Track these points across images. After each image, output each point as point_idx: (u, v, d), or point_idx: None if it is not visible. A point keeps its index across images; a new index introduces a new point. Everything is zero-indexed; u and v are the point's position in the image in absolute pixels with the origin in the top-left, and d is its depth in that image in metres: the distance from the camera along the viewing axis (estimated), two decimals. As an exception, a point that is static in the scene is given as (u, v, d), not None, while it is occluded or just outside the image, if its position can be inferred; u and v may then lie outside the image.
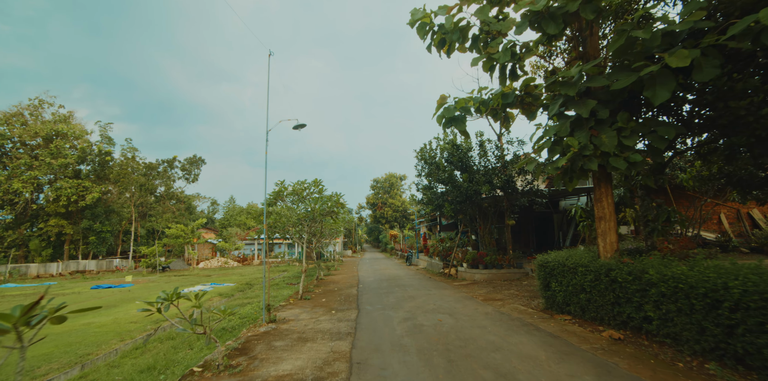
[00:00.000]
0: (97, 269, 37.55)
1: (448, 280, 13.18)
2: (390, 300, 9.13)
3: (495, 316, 6.62)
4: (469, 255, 12.48)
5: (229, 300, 15.71)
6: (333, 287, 12.70)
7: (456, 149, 11.51)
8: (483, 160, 11.67)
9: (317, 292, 11.42)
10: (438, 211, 12.93)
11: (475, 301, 8.29)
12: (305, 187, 10.41)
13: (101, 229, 37.41)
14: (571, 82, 5.10)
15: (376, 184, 40.63)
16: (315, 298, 10.13)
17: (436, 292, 10.14)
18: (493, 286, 10.57)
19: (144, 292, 20.29)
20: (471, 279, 12.39)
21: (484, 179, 10.62)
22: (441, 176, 11.61)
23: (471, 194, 10.82)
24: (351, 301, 9.35)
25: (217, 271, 34.17)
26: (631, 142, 4.96)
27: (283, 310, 8.71)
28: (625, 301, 4.79)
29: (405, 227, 39.09)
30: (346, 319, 7.06)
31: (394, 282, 13.28)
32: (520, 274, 11.77)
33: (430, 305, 8.05)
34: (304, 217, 10.50)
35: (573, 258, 6.05)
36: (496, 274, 11.89)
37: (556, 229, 21.39)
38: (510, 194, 11.26)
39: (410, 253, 23.10)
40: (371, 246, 77.03)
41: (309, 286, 13.34)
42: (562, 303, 6.17)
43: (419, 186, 14.55)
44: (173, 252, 44.00)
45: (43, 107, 36.08)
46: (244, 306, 12.65)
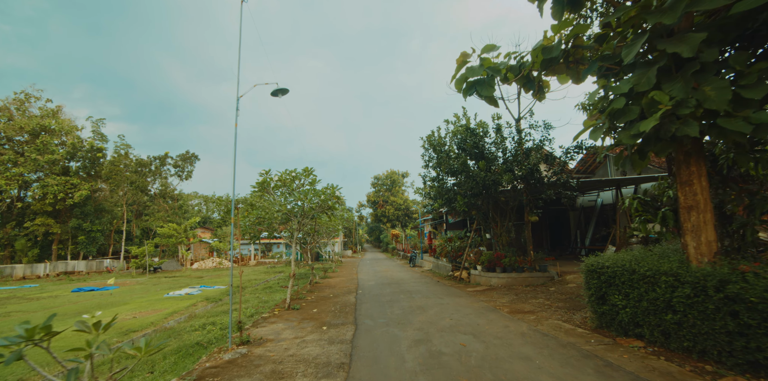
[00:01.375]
0: (86, 270, 36.04)
1: (459, 284, 11.58)
2: (395, 311, 7.53)
3: (536, 338, 5.01)
4: (485, 256, 10.87)
5: (216, 305, 14.17)
6: (328, 293, 11.11)
7: (470, 134, 9.91)
8: (500, 148, 10.07)
9: (309, 300, 9.84)
10: (448, 205, 11.34)
11: (501, 314, 6.69)
12: (294, 176, 8.83)
13: (91, 229, 35.91)
14: (666, 7, 3.47)
15: (377, 181, 39.00)
16: (305, 308, 8.55)
17: (450, 300, 8.53)
18: (515, 294, 8.97)
19: (126, 296, 18.77)
20: (487, 284, 10.79)
21: (504, 168, 9.00)
22: (452, 165, 10.02)
23: (488, 185, 9.22)
24: (347, 312, 7.77)
25: (211, 272, 32.64)
26: (756, 93, 3.35)
27: (263, 324, 7.12)
28: (763, 334, 3.17)
29: (407, 226, 37.49)
30: (339, 340, 5.47)
31: (398, 287, 11.68)
32: (544, 279, 10.17)
33: (446, 320, 6.45)
34: (294, 213, 8.92)
35: (646, 262, 4.44)
36: (516, 279, 10.29)
37: (573, 228, 19.76)
38: (533, 186, 9.65)
39: (414, 253, 21.52)
40: (372, 246, 75.47)
41: (301, 291, 11.77)
42: (628, 322, 4.56)
43: (426, 178, 12.94)
44: (167, 252, 42.53)
45: (30, 101, 34.57)
46: (227, 313, 11.16)
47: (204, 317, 11.24)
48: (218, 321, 9.48)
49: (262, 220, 9.10)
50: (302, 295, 10.68)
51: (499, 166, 9.48)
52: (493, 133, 10.32)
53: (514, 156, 9.45)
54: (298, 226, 9.31)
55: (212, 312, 11.98)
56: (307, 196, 8.36)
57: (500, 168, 8.91)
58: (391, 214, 36.14)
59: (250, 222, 9.82)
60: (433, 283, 12.46)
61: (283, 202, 8.54)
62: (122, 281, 27.25)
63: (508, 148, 9.91)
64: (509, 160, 9.37)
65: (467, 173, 9.50)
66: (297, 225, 9.29)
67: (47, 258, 35.50)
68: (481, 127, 10.12)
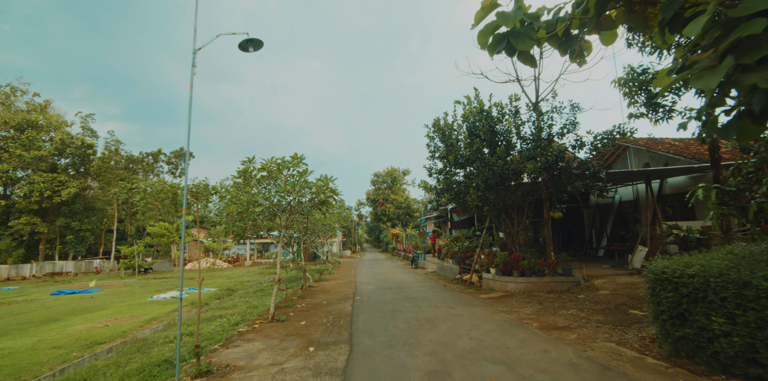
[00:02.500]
0: (75, 271, 34.69)
1: (470, 289, 10.26)
2: (399, 325, 6.21)
3: (595, 373, 3.69)
4: (500, 258, 9.55)
5: (201, 310, 12.84)
6: (321, 299, 9.79)
7: (485, 117, 8.58)
8: (519, 134, 8.73)
9: (299, 308, 8.52)
10: (457, 200, 10.02)
11: (532, 332, 5.36)
12: (279, 163, 7.50)
13: (80, 228, 34.55)
14: None
15: (377, 178, 37.59)
16: (292, 319, 7.23)
17: (464, 310, 7.21)
18: (539, 302, 7.65)
19: (107, 300, 17.47)
20: (502, 289, 9.47)
21: (527, 154, 7.66)
22: (464, 153, 8.70)
23: (507, 175, 7.89)
24: (342, 325, 6.44)
25: (204, 272, 31.32)
26: None
27: (236, 342, 5.80)
28: None
29: (408, 225, 36.17)
30: (328, 370, 4.15)
31: (401, 292, 10.35)
32: (568, 284, 8.84)
33: (464, 339, 5.12)
34: (281, 207, 7.60)
35: (762, 269, 3.11)
36: (536, 284, 8.97)
37: (587, 227, 18.44)
38: (557, 177, 8.33)
39: (416, 254, 20.19)
40: (371, 246, 74.12)
41: (291, 297, 10.45)
42: (734, 357, 3.23)
43: (432, 171, 11.61)
44: (161, 252, 41.23)
45: (16, 95, 33.20)
46: (213, 320, 9.87)
47: (183, 325, 9.94)
48: (196, 331, 8.15)
49: (244, 216, 7.77)
50: (291, 302, 9.36)
51: (519, 153, 8.14)
52: (510, 117, 8.99)
53: (535, 142, 8.12)
54: (286, 223, 7.98)
55: (193, 320, 10.68)
56: (294, 188, 7.02)
57: (522, 155, 7.57)
58: (392, 213, 34.76)
59: (231, 219, 8.51)
60: (439, 287, 11.13)
61: (267, 195, 7.19)
62: (109, 283, 25.94)
63: (528, 134, 8.58)
64: (534, 145, 8.03)
65: (482, 161, 8.15)
66: (284, 222, 7.97)
67: (34, 258, 34.17)
68: (497, 107, 8.76)
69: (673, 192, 12.37)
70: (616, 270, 9.97)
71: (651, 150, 12.39)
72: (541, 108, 8.47)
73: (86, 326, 11.32)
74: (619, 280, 8.52)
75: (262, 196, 6.96)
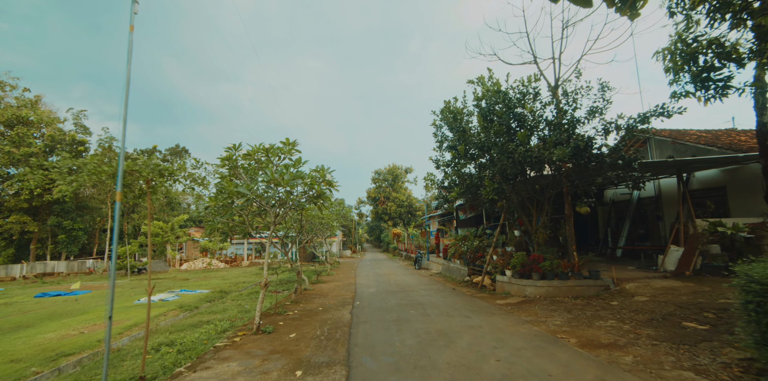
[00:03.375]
0: (67, 271, 33.71)
1: (482, 293, 9.22)
2: (406, 340, 5.18)
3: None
4: (517, 259, 8.51)
5: (188, 315, 11.83)
6: (317, 304, 8.76)
7: (503, 98, 7.52)
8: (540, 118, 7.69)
9: (290, 315, 7.49)
10: (468, 195, 8.98)
11: (573, 351, 4.33)
12: (267, 149, 6.45)
13: (72, 227, 33.55)
14: None
15: (378, 176, 36.46)
16: (281, 330, 6.20)
17: (481, 320, 6.17)
18: (566, 310, 6.61)
19: (92, 302, 16.46)
20: (519, 294, 8.43)
21: (554, 139, 6.59)
22: (478, 140, 7.67)
23: (531, 163, 6.82)
24: (338, 340, 5.41)
25: (200, 273, 30.36)
26: None
27: (208, 362, 4.78)
28: None
29: (410, 225, 35.08)
30: (317, 409, 3.12)
31: (405, 296, 9.32)
32: (596, 289, 7.80)
33: (490, 361, 4.09)
34: (268, 198, 6.58)
35: None
36: (559, 288, 7.93)
37: (602, 225, 17.37)
38: (584, 167, 7.29)
39: (419, 254, 19.15)
40: (372, 246, 73.06)
41: (284, 302, 9.44)
42: None
43: (438, 163, 10.58)
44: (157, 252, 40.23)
45: (5, 90, 32.20)
46: (199, 326, 8.87)
47: (165, 333, 8.91)
48: (178, 340, 7.17)
49: (225, 211, 6.73)
50: (283, 308, 8.33)
51: (542, 140, 7.09)
52: (531, 99, 7.94)
53: (561, 126, 7.07)
54: (275, 219, 6.96)
55: (178, 325, 9.64)
56: (283, 177, 5.99)
57: (548, 140, 6.51)
58: (393, 212, 33.68)
59: (212, 214, 7.50)
60: (447, 291, 10.10)
61: (252, 185, 6.15)
62: (99, 284, 24.96)
63: (551, 118, 7.54)
64: (556, 131, 6.97)
65: (500, 148, 7.09)
66: (273, 218, 6.95)
67: (25, 258, 33.19)
68: (516, 89, 7.67)
69: (701, 187, 11.32)
70: (646, 272, 8.93)
71: (678, 141, 11.35)
72: (566, 88, 7.41)
73: (59, 334, 10.28)
74: (653, 284, 7.49)
75: (245, 186, 5.93)
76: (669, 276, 8.05)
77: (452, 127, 9.26)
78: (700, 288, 6.63)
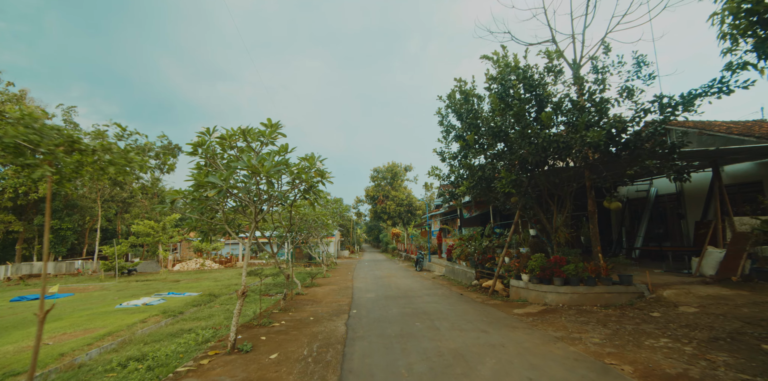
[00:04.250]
0: (55, 272, 32.51)
1: (494, 300, 8.19)
2: (414, 365, 4.14)
3: None
4: (536, 261, 7.49)
5: (171, 322, 10.79)
6: (308, 313, 7.71)
7: (522, 76, 6.46)
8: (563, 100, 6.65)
9: (275, 328, 6.43)
10: (478, 188, 7.96)
11: (632, 385, 3.30)
12: (244, 129, 5.40)
13: (60, 227, 32.36)
14: None
15: (377, 174, 35.35)
16: (260, 348, 5.15)
17: (502, 336, 5.14)
18: (599, 322, 5.59)
19: (71, 307, 15.38)
20: (539, 301, 7.40)
21: (585, 121, 5.50)
22: (494, 125, 6.63)
23: (559, 149, 5.75)
24: (329, 364, 4.36)
25: (192, 274, 29.26)
26: None
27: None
28: None
29: (410, 224, 34.02)
30: None
31: (408, 303, 8.28)
32: (629, 296, 6.79)
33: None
34: (244, 189, 5.53)
35: None
36: (585, 295, 6.91)
37: (615, 224, 16.38)
38: (616, 155, 6.26)
39: (420, 255, 18.11)
40: (371, 246, 71.98)
41: (272, 309, 8.40)
42: None
43: (444, 155, 9.55)
44: (150, 252, 39.09)
45: (-12, 84, 30.93)
46: (179, 335, 7.86)
47: (139, 344, 7.85)
48: (151, 353, 6.13)
49: (196, 205, 5.67)
50: (268, 318, 7.27)
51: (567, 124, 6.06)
52: (553, 77, 6.90)
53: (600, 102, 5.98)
54: (255, 215, 5.91)
55: (156, 335, 8.57)
56: (263, 165, 4.93)
57: (579, 121, 5.45)
58: (392, 211, 32.60)
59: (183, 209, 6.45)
60: (455, 297, 9.06)
61: (226, 175, 5.08)
62: (84, 286, 23.82)
63: (575, 98, 6.49)
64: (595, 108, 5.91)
65: (521, 133, 6.02)
66: (254, 214, 5.91)
67: (10, 259, 31.99)
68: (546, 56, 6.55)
69: (732, 182, 10.34)
70: (679, 276, 7.92)
71: (705, 131, 10.35)
72: (596, 63, 6.37)
73: (19, 346, 9.16)
74: (696, 291, 6.48)
75: (218, 176, 4.87)
76: (710, 282, 7.03)
77: (461, 113, 8.21)
78: (760, 297, 5.63)
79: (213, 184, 4.94)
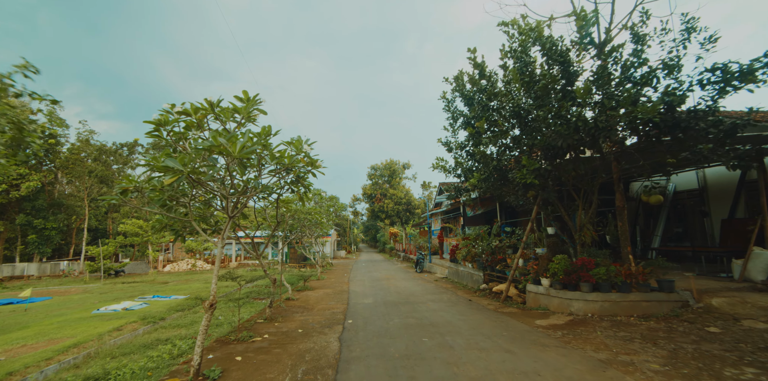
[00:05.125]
0: (38, 274, 31.20)
1: (509, 308, 7.19)
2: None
3: None
4: (558, 264, 6.50)
5: (150, 329, 9.74)
6: (296, 324, 6.67)
7: (549, 45, 5.45)
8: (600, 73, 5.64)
9: (256, 344, 5.39)
10: (491, 179, 6.96)
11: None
12: (211, 103, 4.38)
13: (44, 226, 31.03)
14: None
15: (375, 171, 34.34)
16: (233, 373, 4.11)
17: (532, 359, 4.13)
18: (644, 337, 4.60)
19: (43, 313, 14.27)
20: (563, 310, 6.41)
21: (634, 92, 4.50)
22: (514, 104, 5.62)
23: (597, 129, 4.71)
24: (315, 401, 3.34)
25: (182, 276, 28.11)
26: None
27: None
28: None
29: (408, 224, 33.03)
30: None
31: (412, 312, 7.27)
32: (671, 304, 5.81)
33: None
34: (212, 173, 4.50)
35: None
36: (619, 304, 5.93)
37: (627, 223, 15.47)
38: (657, 140, 5.28)
39: (420, 255, 17.11)
40: (368, 246, 70.95)
41: (257, 318, 7.36)
42: None
43: (451, 145, 8.55)
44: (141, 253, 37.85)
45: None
46: (152, 347, 6.85)
47: (106, 358, 6.78)
48: (115, 371, 5.09)
49: (153, 196, 4.62)
50: (249, 330, 6.23)
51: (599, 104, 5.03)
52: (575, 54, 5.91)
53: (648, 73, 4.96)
54: (231, 210, 4.89)
55: (128, 346, 7.47)
56: (234, 144, 3.89)
57: (624, 95, 4.46)
58: (390, 210, 31.61)
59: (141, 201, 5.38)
60: (463, 303, 8.06)
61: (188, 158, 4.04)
62: (66, 289, 22.62)
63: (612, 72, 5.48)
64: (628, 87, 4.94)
65: (550, 110, 4.99)
66: (229, 210, 4.89)
67: (-9, 260, 30.65)
68: (577, 19, 5.53)
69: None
70: (719, 281, 6.95)
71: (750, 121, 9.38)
72: (636, 30, 5.37)
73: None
74: (752, 300, 5.50)
75: (179, 159, 3.82)
76: (763, 288, 6.06)
77: (471, 97, 7.18)
78: (841, 308, 4.66)
79: (170, 169, 3.89)
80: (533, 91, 5.39)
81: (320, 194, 16.09)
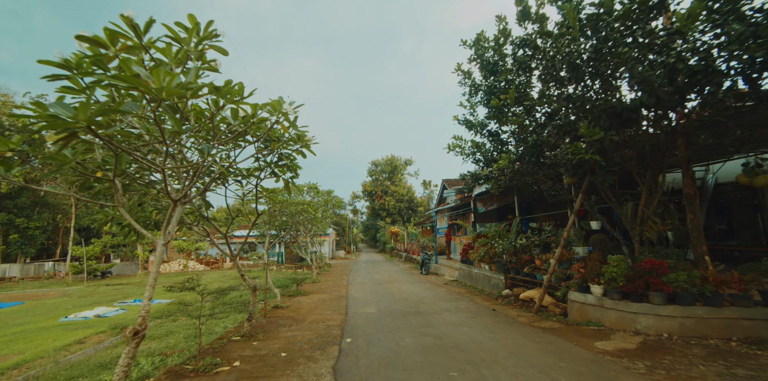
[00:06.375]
0: (21, 275, 29.63)
1: (545, 320, 5.72)
2: None
3: None
4: (617, 267, 5.02)
5: (117, 341, 8.17)
6: (280, 343, 5.16)
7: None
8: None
9: (221, 375, 3.89)
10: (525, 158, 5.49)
11: None
12: (136, 27, 2.93)
13: (27, 225, 29.48)
14: None
15: (375, 167, 32.78)
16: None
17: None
18: (785, 380, 3.13)
19: (5, 320, 12.71)
20: (625, 327, 4.92)
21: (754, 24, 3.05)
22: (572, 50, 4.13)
23: (712, 74, 3.20)
24: None
25: (172, 277, 26.53)
26: None
27: None
28: None
29: (410, 222, 31.55)
30: None
31: (426, 326, 5.77)
32: (778, 322, 4.32)
33: None
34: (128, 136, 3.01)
35: None
36: (707, 321, 4.45)
37: (656, 220, 14.03)
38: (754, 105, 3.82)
39: (426, 256, 15.61)
40: (367, 246, 69.39)
41: (233, 334, 5.88)
42: None
43: (471, 123, 7.06)
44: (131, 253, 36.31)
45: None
46: (111, 367, 5.40)
47: None
48: None
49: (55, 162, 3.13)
50: (216, 355, 4.72)
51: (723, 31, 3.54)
52: None
53: None
54: (186, 195, 3.40)
55: (81, 366, 5.89)
56: (159, 76, 2.39)
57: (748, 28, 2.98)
58: (392, 208, 30.10)
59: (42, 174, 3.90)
60: (487, 313, 6.57)
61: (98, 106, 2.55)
62: (44, 292, 21.04)
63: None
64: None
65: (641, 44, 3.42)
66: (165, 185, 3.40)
67: (-29, 261, 29.12)
68: None
69: None
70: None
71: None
72: None
73: None
74: None
75: (80, 107, 2.32)
76: None
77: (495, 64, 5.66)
78: None
79: (58, 119, 2.39)
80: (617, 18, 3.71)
81: (316, 188, 14.63)
